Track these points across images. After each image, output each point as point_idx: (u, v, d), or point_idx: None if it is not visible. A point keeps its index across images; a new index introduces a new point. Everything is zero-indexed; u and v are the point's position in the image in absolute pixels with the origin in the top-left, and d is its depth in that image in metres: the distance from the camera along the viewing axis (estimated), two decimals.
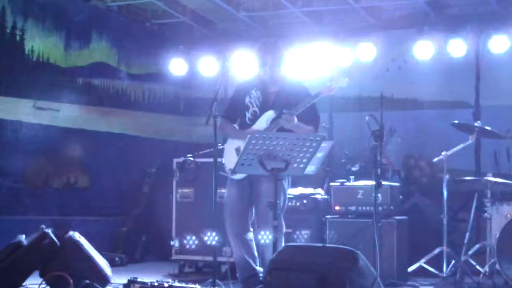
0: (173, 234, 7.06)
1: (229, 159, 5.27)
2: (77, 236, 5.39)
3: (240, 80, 6.54)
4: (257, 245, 5.35)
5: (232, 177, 5.28)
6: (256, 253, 5.36)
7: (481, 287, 6.01)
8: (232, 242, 5.39)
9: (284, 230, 5.35)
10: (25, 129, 7.45)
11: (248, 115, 5.36)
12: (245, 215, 5.34)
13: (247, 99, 5.38)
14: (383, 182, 5.22)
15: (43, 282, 5.13)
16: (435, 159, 6.57)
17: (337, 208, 6.57)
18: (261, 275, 5.28)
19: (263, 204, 5.01)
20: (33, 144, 7.48)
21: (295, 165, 4.59)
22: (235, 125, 5.49)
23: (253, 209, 5.35)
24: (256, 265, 5.35)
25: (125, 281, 5.08)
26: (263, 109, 5.32)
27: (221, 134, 5.47)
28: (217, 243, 6.20)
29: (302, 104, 5.12)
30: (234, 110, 5.48)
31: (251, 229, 5.41)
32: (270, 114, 5.27)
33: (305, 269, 3.98)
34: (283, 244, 5.16)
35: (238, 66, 8.19)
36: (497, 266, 5.90)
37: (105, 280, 5.33)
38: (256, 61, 5.41)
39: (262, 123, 5.28)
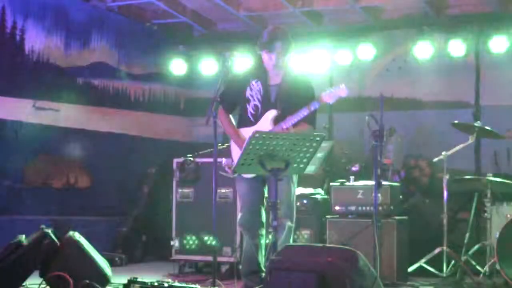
0: (173, 234, 7.06)
1: (237, 157, 5.19)
2: (77, 236, 5.39)
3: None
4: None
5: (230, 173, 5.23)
6: (264, 251, 5.32)
7: (481, 287, 6.01)
8: (244, 235, 5.36)
9: (289, 224, 5.28)
10: (25, 129, 7.45)
11: (249, 109, 5.24)
12: (257, 209, 5.27)
13: (248, 92, 5.25)
14: (383, 182, 5.22)
15: (43, 282, 5.13)
16: (435, 159, 6.57)
17: (337, 208, 6.57)
18: (263, 274, 5.26)
19: (283, 201, 5.04)
20: (33, 144, 7.48)
21: (295, 165, 4.58)
22: (234, 116, 5.35)
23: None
24: (262, 263, 5.32)
25: (125, 281, 5.08)
26: (265, 103, 5.20)
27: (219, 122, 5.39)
28: (217, 243, 6.21)
29: (300, 113, 5.03)
30: (232, 98, 5.29)
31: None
32: (273, 114, 5.18)
33: (305, 269, 3.98)
34: (291, 240, 5.17)
35: (238, 66, 8.19)
36: (497, 266, 5.90)
37: (105, 280, 5.32)
38: (262, 47, 5.20)
39: (266, 123, 5.17)
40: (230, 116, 5.35)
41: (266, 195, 5.30)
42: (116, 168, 8.28)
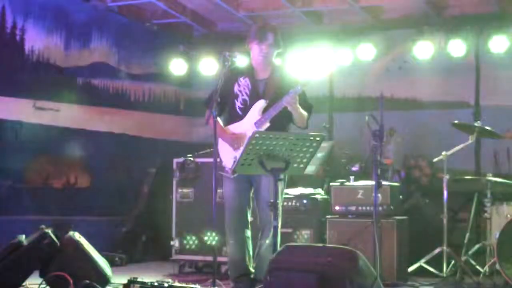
0: (173, 234, 7.06)
1: (227, 158, 5.22)
2: (77, 236, 5.40)
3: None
4: (257, 245, 5.30)
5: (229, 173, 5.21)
6: (251, 252, 5.32)
7: (481, 287, 6.01)
8: (229, 238, 5.33)
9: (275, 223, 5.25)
10: (25, 129, 7.45)
11: (237, 103, 5.24)
12: (242, 211, 5.27)
13: (236, 87, 5.26)
14: (383, 182, 5.22)
15: (43, 282, 5.13)
16: (435, 159, 6.57)
17: (337, 208, 6.57)
18: (252, 276, 5.26)
19: (262, 201, 5.05)
20: (33, 144, 7.48)
21: (295, 165, 4.59)
22: (223, 116, 5.31)
23: (254, 205, 5.29)
24: (250, 265, 5.31)
25: (125, 281, 5.08)
26: (253, 97, 5.21)
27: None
28: (217, 243, 6.21)
29: (278, 105, 5.01)
30: (220, 99, 5.13)
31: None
32: (261, 104, 5.17)
33: (305, 269, 3.98)
34: (279, 239, 5.10)
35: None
36: (497, 266, 5.90)
37: (105, 280, 5.33)
38: (253, 38, 5.25)
39: (254, 114, 5.17)
40: (218, 118, 5.22)
41: (252, 195, 5.29)
42: (116, 168, 8.28)
